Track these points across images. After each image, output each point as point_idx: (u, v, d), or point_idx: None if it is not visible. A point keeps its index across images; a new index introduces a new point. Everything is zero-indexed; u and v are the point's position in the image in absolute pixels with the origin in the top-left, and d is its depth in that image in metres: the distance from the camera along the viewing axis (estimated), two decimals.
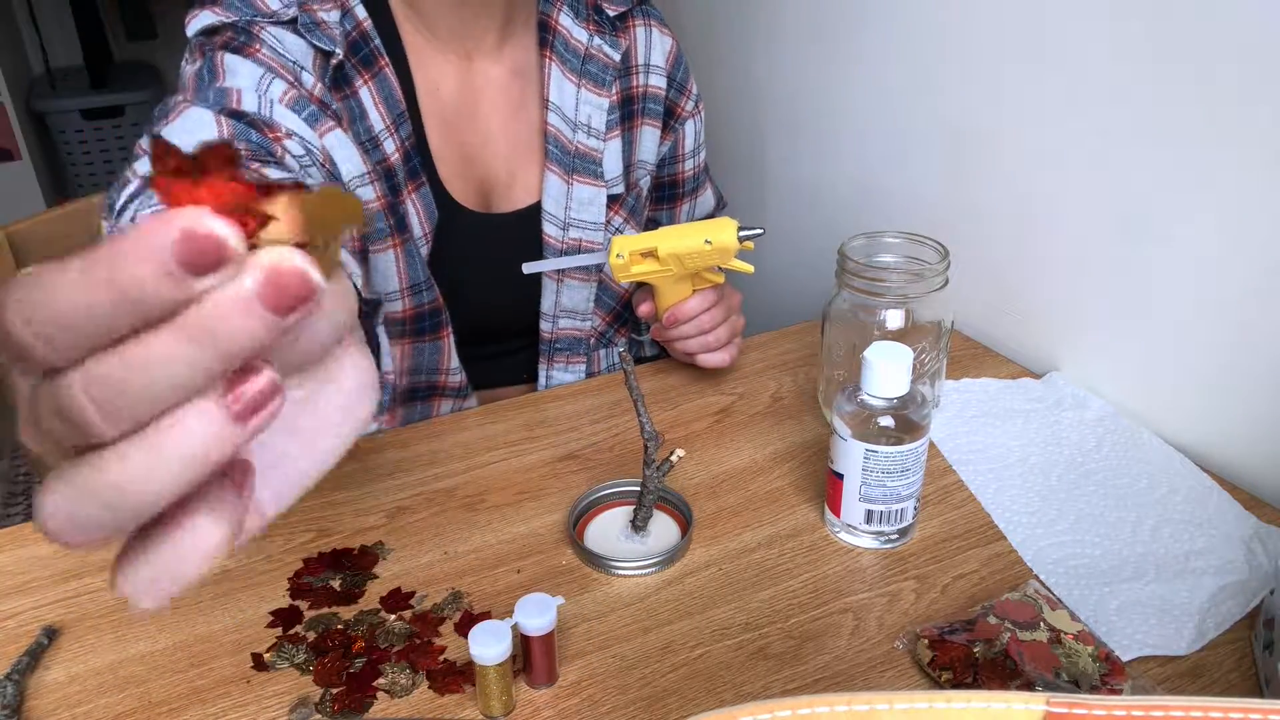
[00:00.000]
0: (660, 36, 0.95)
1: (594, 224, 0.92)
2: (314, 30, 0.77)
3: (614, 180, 0.93)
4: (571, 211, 0.90)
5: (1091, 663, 0.59)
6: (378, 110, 0.81)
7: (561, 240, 0.91)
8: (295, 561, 0.72)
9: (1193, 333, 0.80)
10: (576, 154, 0.89)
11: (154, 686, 0.62)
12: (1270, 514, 0.74)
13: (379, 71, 0.81)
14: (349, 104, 0.80)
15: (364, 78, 0.81)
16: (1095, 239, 0.87)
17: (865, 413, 0.68)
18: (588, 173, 0.90)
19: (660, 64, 0.95)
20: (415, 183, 0.85)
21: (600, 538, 0.74)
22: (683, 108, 0.98)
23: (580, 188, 0.90)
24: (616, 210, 0.94)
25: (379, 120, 0.82)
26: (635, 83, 0.93)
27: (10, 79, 2.50)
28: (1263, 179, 0.72)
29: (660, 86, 0.95)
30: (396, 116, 0.83)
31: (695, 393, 0.92)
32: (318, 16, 0.78)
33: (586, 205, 0.91)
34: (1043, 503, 0.76)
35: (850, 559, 0.71)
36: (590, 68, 0.89)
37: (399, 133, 0.83)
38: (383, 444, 0.86)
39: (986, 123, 0.95)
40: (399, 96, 0.82)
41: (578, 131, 0.89)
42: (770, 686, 0.61)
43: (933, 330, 0.81)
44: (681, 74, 0.98)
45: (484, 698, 0.58)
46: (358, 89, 0.81)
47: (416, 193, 0.85)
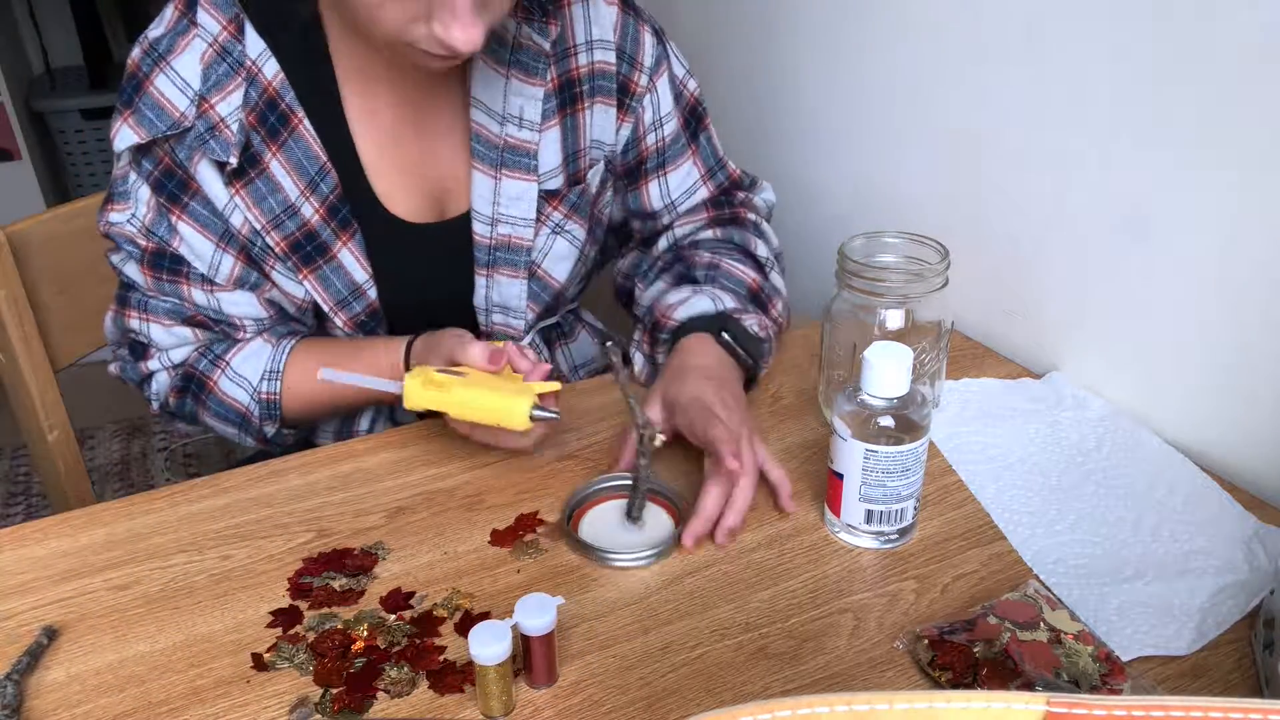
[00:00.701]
0: (604, 8, 0.89)
1: (523, 219, 0.89)
2: (207, 142, 0.79)
3: (550, 173, 0.89)
4: (500, 207, 0.88)
5: (1091, 663, 0.59)
6: (290, 178, 0.82)
7: (490, 237, 0.89)
8: (295, 561, 0.72)
9: (1193, 333, 0.80)
10: (505, 148, 0.87)
11: (154, 686, 0.62)
12: (1270, 514, 0.74)
13: (293, 131, 0.81)
14: (253, 187, 0.81)
15: (272, 150, 0.81)
16: (1095, 239, 0.87)
17: (865, 413, 0.68)
18: (518, 166, 0.87)
19: (607, 38, 0.89)
20: (346, 233, 0.85)
21: (595, 531, 0.74)
22: (636, 83, 0.91)
23: (509, 182, 0.88)
24: (556, 205, 0.90)
25: (293, 188, 0.82)
26: (575, 64, 0.88)
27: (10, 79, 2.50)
28: (1263, 179, 0.72)
29: (609, 61, 0.89)
30: (315, 174, 0.83)
31: None
32: (214, 115, 0.79)
33: (515, 200, 0.88)
34: (1043, 503, 0.76)
35: (850, 559, 0.71)
36: (520, 57, 0.86)
37: (319, 190, 0.83)
38: (383, 444, 0.86)
39: (986, 123, 0.95)
40: (316, 152, 0.82)
41: (506, 124, 0.86)
42: (770, 686, 0.61)
43: (933, 330, 0.81)
44: (630, 44, 0.90)
45: (484, 698, 0.58)
46: (267, 164, 0.81)
47: (351, 242, 0.85)
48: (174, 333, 0.87)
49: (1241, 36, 0.71)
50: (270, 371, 0.88)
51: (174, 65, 0.79)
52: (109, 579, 0.71)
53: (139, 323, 0.87)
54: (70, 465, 1.03)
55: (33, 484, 2.27)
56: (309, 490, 0.80)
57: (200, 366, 0.88)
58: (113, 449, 2.39)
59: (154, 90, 0.79)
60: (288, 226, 0.83)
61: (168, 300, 0.86)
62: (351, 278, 0.87)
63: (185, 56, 0.79)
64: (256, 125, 0.80)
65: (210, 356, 0.88)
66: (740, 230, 0.97)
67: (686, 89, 0.96)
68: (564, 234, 0.91)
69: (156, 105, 0.79)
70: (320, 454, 0.85)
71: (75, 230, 1.02)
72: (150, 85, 0.79)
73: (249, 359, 0.88)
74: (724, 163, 1.00)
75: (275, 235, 0.83)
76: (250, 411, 0.88)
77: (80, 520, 0.77)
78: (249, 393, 0.88)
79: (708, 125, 0.99)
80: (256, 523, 0.77)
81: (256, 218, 0.82)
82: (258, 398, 0.87)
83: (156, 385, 0.90)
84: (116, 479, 2.28)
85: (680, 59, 0.96)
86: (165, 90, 0.79)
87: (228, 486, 0.81)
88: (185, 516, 0.77)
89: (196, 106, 0.79)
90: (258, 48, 0.80)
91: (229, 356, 0.88)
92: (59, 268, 1.01)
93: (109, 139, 0.82)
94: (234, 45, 0.79)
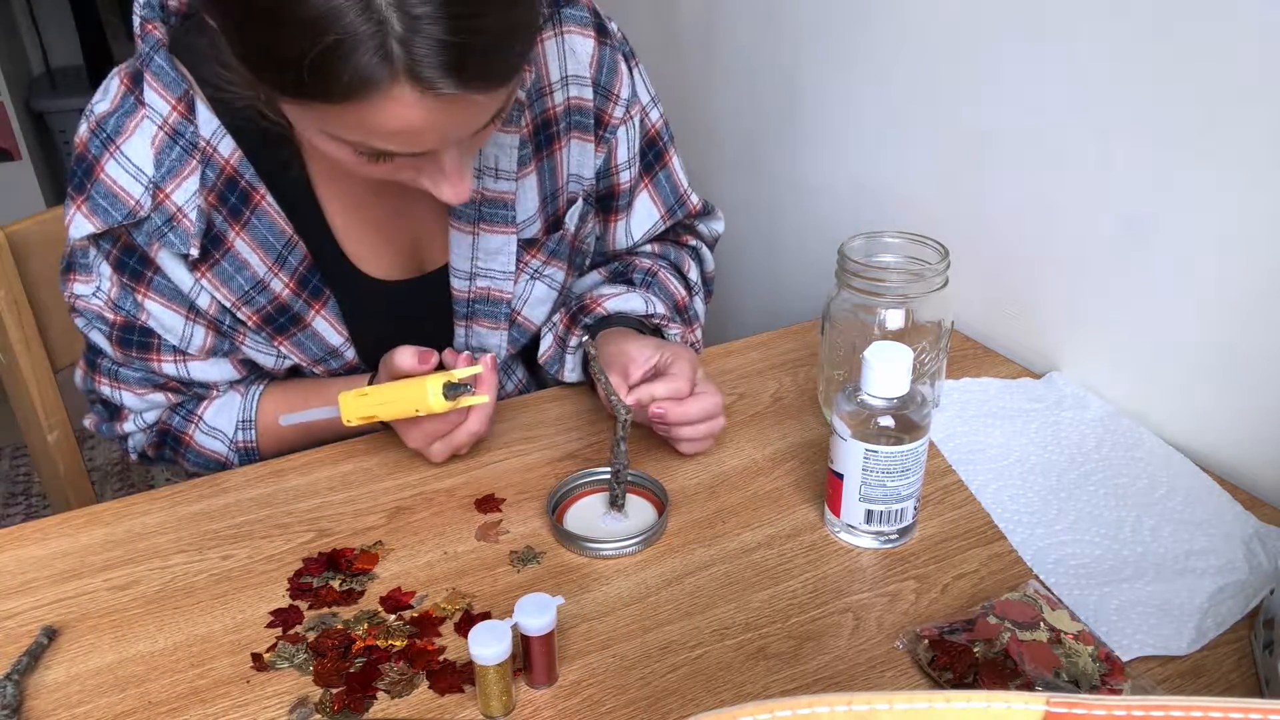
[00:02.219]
0: (579, 41, 0.84)
1: (503, 273, 0.87)
2: (164, 235, 0.76)
3: (528, 221, 0.86)
4: (479, 262, 0.86)
5: (1091, 663, 0.59)
6: (257, 255, 0.79)
7: (468, 291, 0.87)
8: (295, 561, 0.72)
9: (1193, 332, 0.80)
10: (483, 201, 0.84)
11: (154, 686, 0.62)
12: (1270, 514, 0.74)
13: (255, 208, 0.78)
14: (219, 268, 0.79)
15: (235, 229, 0.78)
16: (1095, 239, 0.87)
17: (865, 413, 0.68)
18: (496, 220, 0.85)
19: (582, 73, 0.85)
20: (319, 302, 0.83)
21: (580, 522, 0.75)
22: (610, 114, 0.88)
23: (487, 237, 0.85)
24: (534, 254, 0.88)
25: (260, 265, 0.80)
26: (550, 104, 0.84)
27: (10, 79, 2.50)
28: (1263, 179, 0.72)
29: (586, 97, 0.86)
30: (282, 248, 0.80)
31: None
32: (170, 206, 0.75)
33: (494, 254, 0.86)
34: (1043, 503, 0.76)
35: (850, 559, 0.71)
36: None
37: (288, 264, 0.81)
38: (383, 444, 0.86)
39: (986, 123, 0.95)
40: (281, 226, 0.79)
41: (483, 178, 0.83)
42: (770, 686, 0.61)
43: (933, 330, 0.81)
44: (605, 76, 0.86)
45: (484, 698, 0.58)
46: (232, 244, 0.78)
47: (324, 310, 0.84)
48: (147, 399, 0.87)
49: (1241, 36, 0.71)
50: (244, 422, 0.88)
51: (124, 150, 0.74)
52: (109, 579, 0.71)
53: (110, 390, 0.86)
54: (70, 465, 1.03)
55: (33, 484, 2.27)
56: (309, 490, 0.80)
57: (174, 424, 0.89)
58: (113, 449, 2.39)
59: (105, 178, 0.75)
60: (258, 301, 0.81)
61: (138, 371, 0.85)
62: (327, 342, 0.85)
63: (135, 140, 0.74)
64: (217, 205, 0.77)
65: (183, 413, 0.89)
66: (677, 250, 0.99)
67: (648, 120, 0.92)
68: (542, 278, 0.90)
69: (110, 194, 0.75)
70: (320, 454, 0.85)
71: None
72: (101, 171, 0.75)
73: (221, 411, 0.88)
74: (684, 198, 0.97)
75: (246, 310, 0.81)
76: (230, 460, 0.89)
77: (80, 520, 0.77)
78: (225, 444, 0.88)
79: (668, 160, 0.95)
80: (256, 523, 0.77)
81: (225, 296, 0.80)
82: (235, 447, 0.88)
83: (133, 442, 0.91)
84: (116, 479, 2.28)
85: (647, 85, 0.92)
86: (118, 178, 0.75)
87: (228, 486, 0.81)
88: (185, 516, 0.77)
89: (151, 196, 0.75)
90: (211, 126, 0.75)
91: (200, 411, 0.88)
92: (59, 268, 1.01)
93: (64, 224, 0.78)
94: (185, 126, 0.74)
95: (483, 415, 0.78)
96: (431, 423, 0.77)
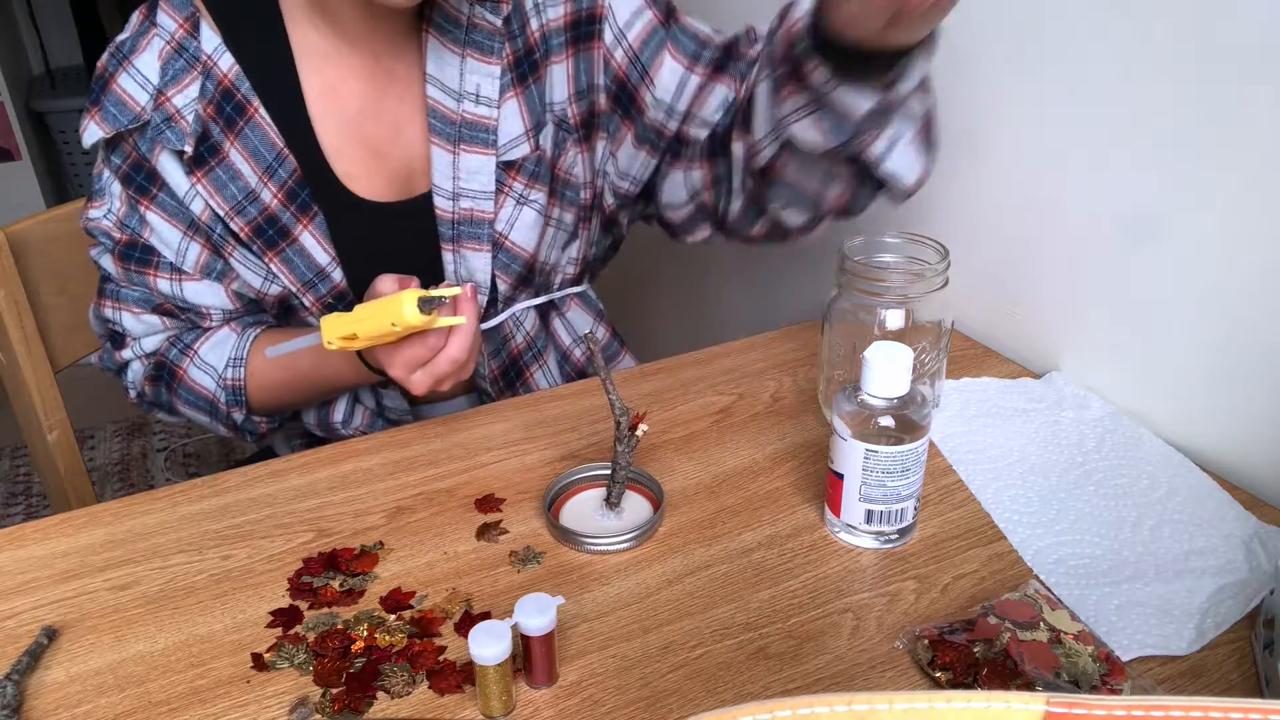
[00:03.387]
0: None
1: (483, 192, 0.90)
2: (164, 133, 0.83)
3: (513, 143, 0.89)
4: (460, 182, 0.89)
5: (1091, 663, 0.59)
6: (249, 164, 0.85)
7: (452, 212, 0.90)
8: (295, 561, 0.72)
9: (1193, 333, 0.80)
10: (463, 123, 0.88)
11: (154, 686, 0.62)
12: (1270, 514, 0.74)
13: (249, 120, 0.85)
14: (213, 175, 0.85)
15: (230, 139, 0.85)
16: (1095, 239, 0.87)
17: (865, 413, 0.68)
18: (476, 141, 0.88)
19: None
20: (306, 217, 0.87)
21: (574, 517, 0.75)
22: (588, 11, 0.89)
23: (467, 157, 0.88)
24: (515, 176, 0.90)
25: (252, 175, 0.86)
26: (530, 31, 0.89)
27: (10, 79, 2.51)
28: (1263, 179, 0.72)
29: (559, 15, 0.89)
30: (273, 160, 0.86)
31: (695, 393, 0.92)
32: (170, 107, 0.83)
33: (474, 174, 0.89)
34: (1043, 503, 0.76)
35: (850, 559, 0.71)
36: (475, 36, 0.87)
37: (278, 175, 0.86)
38: (383, 444, 0.86)
39: (986, 123, 0.95)
40: (273, 139, 0.85)
41: (463, 101, 0.87)
42: (770, 686, 0.61)
43: (933, 330, 0.81)
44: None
45: (484, 698, 0.58)
46: (226, 153, 0.85)
47: (311, 225, 0.88)
48: (144, 320, 0.92)
49: (1241, 36, 0.71)
50: (234, 359, 0.92)
51: (135, 64, 0.84)
52: (109, 579, 0.71)
53: (112, 311, 0.92)
54: (70, 465, 1.03)
55: (33, 484, 2.27)
56: (309, 490, 0.80)
57: (170, 355, 0.93)
58: (113, 449, 2.39)
59: (117, 88, 0.84)
60: (249, 212, 0.86)
61: (137, 290, 0.91)
62: (314, 259, 0.89)
63: (145, 55, 0.84)
64: (214, 116, 0.84)
65: (180, 346, 0.93)
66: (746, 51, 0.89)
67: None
68: (529, 203, 0.92)
69: (119, 101, 0.84)
70: (320, 454, 0.85)
71: (75, 230, 1.02)
72: (114, 84, 0.84)
73: (215, 347, 0.92)
74: (707, 40, 0.90)
75: (238, 221, 0.86)
76: (217, 398, 0.92)
77: (80, 520, 0.77)
78: (215, 379, 0.92)
79: (679, 18, 0.91)
80: (256, 523, 0.77)
81: (219, 204, 0.85)
82: (223, 384, 0.92)
83: (131, 374, 0.95)
84: (116, 479, 2.28)
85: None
86: (127, 87, 0.84)
87: (228, 486, 0.81)
88: (185, 516, 0.78)
89: (154, 100, 0.83)
90: (213, 42, 0.84)
91: (197, 345, 0.93)
92: (59, 268, 1.01)
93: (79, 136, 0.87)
94: (190, 41, 0.84)
95: (463, 341, 0.77)
96: (412, 348, 0.77)
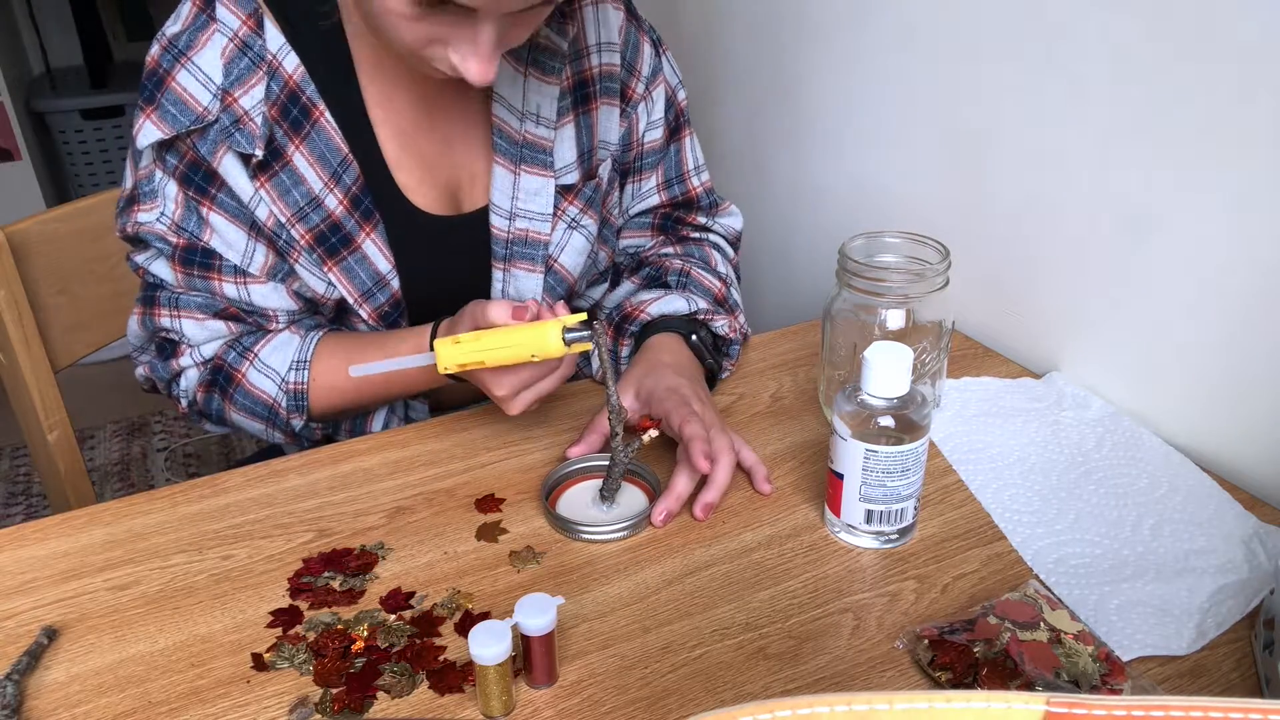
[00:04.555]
0: (612, 12, 0.91)
1: (541, 214, 0.90)
2: (232, 135, 0.80)
3: (567, 168, 0.90)
4: (519, 202, 0.89)
5: (1091, 663, 0.59)
6: (314, 170, 0.83)
7: (508, 231, 0.90)
8: (295, 561, 0.72)
9: (1193, 333, 0.80)
10: (524, 143, 0.88)
11: (154, 686, 0.62)
12: (1270, 514, 0.74)
13: (315, 124, 0.82)
14: (277, 180, 0.82)
15: (295, 143, 0.82)
16: (1095, 239, 0.87)
17: (865, 413, 0.68)
18: (536, 162, 0.89)
19: (613, 40, 0.91)
20: (369, 225, 0.85)
21: (571, 507, 0.76)
22: (633, 90, 0.94)
23: (527, 178, 0.89)
24: (571, 200, 0.91)
25: (316, 180, 0.83)
26: (588, 64, 0.90)
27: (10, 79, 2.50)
28: (1263, 179, 0.72)
29: (615, 64, 0.92)
30: (337, 166, 0.83)
31: None
32: (238, 109, 0.79)
33: (534, 195, 0.89)
34: (1043, 503, 0.76)
35: (850, 559, 0.71)
36: (538, 56, 0.87)
37: (342, 182, 0.84)
38: (383, 444, 0.86)
39: (986, 123, 0.95)
40: (338, 144, 0.83)
41: (525, 121, 0.88)
42: (770, 686, 0.61)
43: (933, 330, 0.81)
44: (630, 51, 0.93)
45: (484, 698, 0.58)
46: (290, 157, 0.82)
47: (374, 233, 0.86)
48: (207, 327, 0.87)
49: (1241, 36, 0.71)
50: (298, 362, 0.88)
51: (195, 61, 0.79)
52: (109, 579, 0.71)
53: (170, 320, 0.87)
54: (70, 465, 1.03)
55: (33, 484, 2.27)
56: (309, 490, 0.80)
57: (229, 359, 0.88)
58: (113, 449, 2.39)
59: (176, 86, 0.79)
60: (312, 219, 0.83)
61: (199, 295, 0.86)
62: (375, 268, 0.87)
63: (206, 52, 0.79)
64: (279, 118, 0.81)
65: (239, 349, 0.88)
66: (699, 248, 1.00)
67: (676, 99, 0.98)
68: (580, 229, 0.93)
69: (179, 100, 0.79)
70: (320, 454, 0.85)
71: (75, 230, 1.02)
72: (172, 81, 0.79)
73: (277, 350, 0.88)
74: (685, 178, 1.00)
75: (300, 228, 0.83)
76: (278, 403, 0.88)
77: (80, 520, 0.77)
78: (276, 383, 0.87)
79: (683, 137, 1.00)
80: (256, 523, 0.77)
81: (281, 210, 0.82)
82: (285, 389, 0.87)
83: (185, 382, 0.90)
84: (116, 479, 2.28)
85: (674, 69, 0.98)
86: (188, 85, 0.79)
87: (228, 486, 0.81)
88: (185, 516, 0.77)
89: (220, 100, 0.79)
90: (278, 42, 0.80)
91: (257, 348, 0.88)
92: (59, 268, 1.01)
93: (131, 136, 0.82)
94: (254, 39, 0.80)
95: (572, 362, 0.80)
96: (528, 370, 0.77)
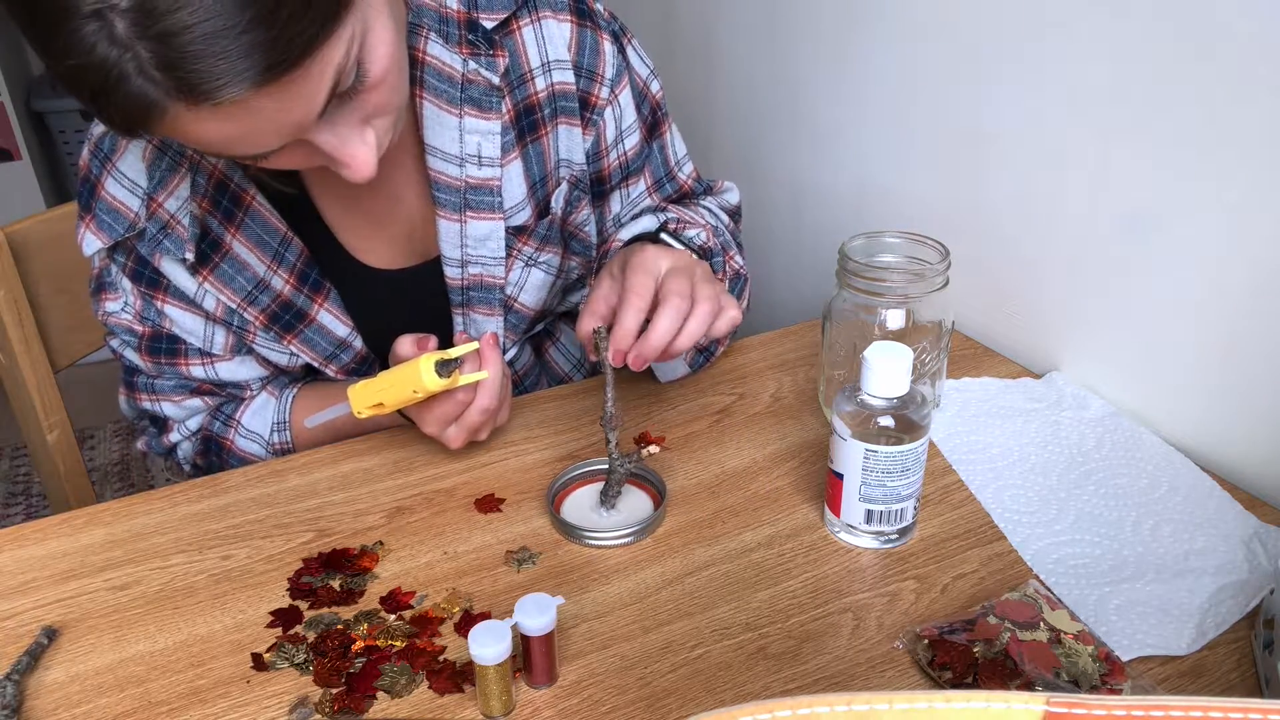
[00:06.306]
0: (554, 26, 0.84)
1: (494, 259, 0.87)
2: (160, 243, 0.79)
3: (517, 207, 0.86)
4: (469, 249, 0.87)
5: (1091, 663, 0.59)
6: (254, 255, 0.82)
7: (462, 278, 0.88)
8: (295, 561, 0.72)
9: (1193, 333, 0.80)
10: (467, 189, 0.84)
11: (154, 686, 0.62)
12: (1270, 514, 0.74)
13: (248, 209, 0.81)
14: (219, 271, 0.81)
15: (231, 231, 0.81)
16: (1095, 239, 0.87)
17: (865, 413, 0.68)
18: (482, 206, 0.85)
19: (562, 57, 0.85)
20: (320, 296, 0.85)
21: (576, 512, 0.76)
22: (596, 96, 0.87)
23: (475, 224, 0.85)
24: (525, 241, 0.88)
25: (259, 264, 0.82)
26: (532, 90, 0.84)
27: (10, 79, 2.50)
28: (1263, 179, 0.72)
29: (569, 81, 0.85)
30: (278, 246, 0.82)
31: (695, 393, 0.92)
32: (163, 214, 0.79)
33: (483, 241, 0.86)
34: (1042, 502, 0.76)
35: (850, 559, 0.71)
36: (471, 93, 0.82)
37: (286, 261, 0.83)
38: (383, 444, 0.86)
39: (986, 123, 0.95)
40: (275, 224, 0.82)
41: (465, 165, 0.83)
42: (770, 686, 0.61)
43: (933, 330, 0.81)
44: (588, 58, 0.86)
45: (484, 698, 0.58)
46: (229, 246, 0.81)
47: (327, 303, 0.85)
48: (185, 405, 0.91)
49: (1241, 36, 0.71)
50: (278, 424, 0.91)
51: (119, 166, 0.79)
52: (109, 579, 0.71)
53: (150, 404, 0.91)
54: (70, 465, 1.03)
55: (33, 484, 2.27)
56: (309, 490, 0.80)
57: (215, 429, 0.92)
58: (113, 449, 2.39)
59: (107, 195, 0.80)
60: (262, 300, 0.83)
61: (170, 379, 0.89)
62: (334, 334, 0.87)
63: (128, 156, 0.79)
64: (211, 210, 0.80)
65: (222, 418, 0.92)
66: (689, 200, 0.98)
67: (650, 93, 0.92)
68: (538, 265, 0.90)
69: (111, 209, 0.80)
70: (320, 454, 0.85)
71: (75, 230, 1.02)
72: (102, 190, 0.80)
73: (257, 414, 0.92)
74: (674, 174, 0.96)
75: (252, 310, 0.84)
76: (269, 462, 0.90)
77: (80, 520, 0.77)
78: (263, 446, 0.91)
79: (663, 133, 0.95)
80: (256, 523, 0.77)
81: (229, 298, 0.83)
82: (271, 449, 0.91)
83: (182, 453, 0.94)
84: (116, 479, 2.28)
85: (644, 59, 0.91)
86: (116, 193, 0.80)
87: (228, 486, 0.81)
88: (185, 516, 0.78)
89: (146, 206, 0.79)
90: None
91: (238, 415, 0.92)
92: (59, 268, 1.01)
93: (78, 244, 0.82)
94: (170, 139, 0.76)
95: (491, 391, 0.77)
96: (442, 405, 0.77)
